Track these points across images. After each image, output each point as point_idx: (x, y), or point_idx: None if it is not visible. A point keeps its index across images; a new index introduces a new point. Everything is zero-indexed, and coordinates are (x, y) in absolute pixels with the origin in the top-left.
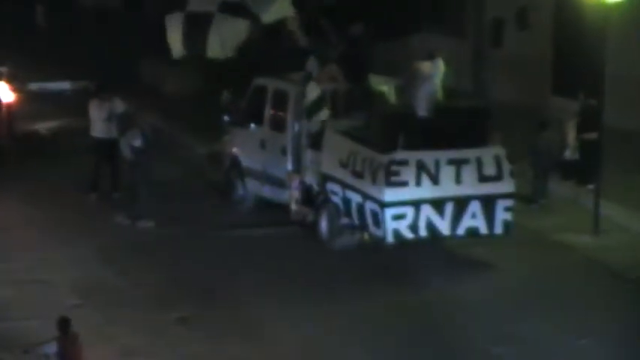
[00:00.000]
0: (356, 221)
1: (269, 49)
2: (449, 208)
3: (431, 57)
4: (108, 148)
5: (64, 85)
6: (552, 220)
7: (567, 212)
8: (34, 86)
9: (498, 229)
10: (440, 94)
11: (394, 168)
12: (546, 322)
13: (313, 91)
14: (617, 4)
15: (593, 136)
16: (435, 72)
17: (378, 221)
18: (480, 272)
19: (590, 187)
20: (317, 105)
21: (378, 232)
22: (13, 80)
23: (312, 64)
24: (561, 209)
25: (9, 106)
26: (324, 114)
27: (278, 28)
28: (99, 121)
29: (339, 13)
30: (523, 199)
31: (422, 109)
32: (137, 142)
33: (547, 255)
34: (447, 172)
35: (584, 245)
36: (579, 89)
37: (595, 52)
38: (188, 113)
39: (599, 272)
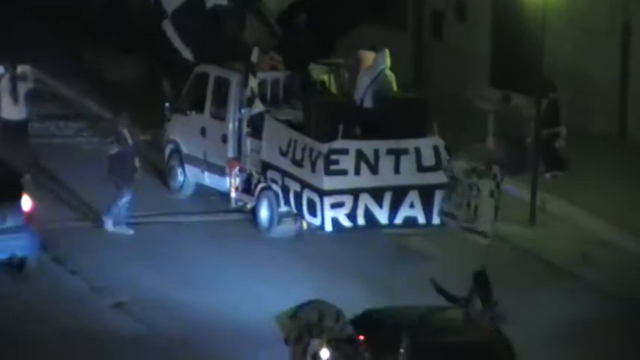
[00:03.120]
0: (294, 209)
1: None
2: (387, 198)
3: (373, 48)
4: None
5: None
6: None
7: (508, 204)
8: None
9: (436, 219)
10: (394, 86)
11: (333, 157)
12: None
13: (252, 80)
14: None
15: (557, 130)
16: (381, 63)
17: (315, 209)
18: (415, 261)
19: (548, 175)
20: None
21: (315, 221)
22: None
23: (255, 52)
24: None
25: None
26: (260, 103)
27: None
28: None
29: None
30: None
31: (367, 100)
32: (113, 150)
33: (480, 245)
34: (385, 162)
35: (520, 236)
36: (545, 86)
37: (533, 44)
38: (130, 101)
39: (531, 261)
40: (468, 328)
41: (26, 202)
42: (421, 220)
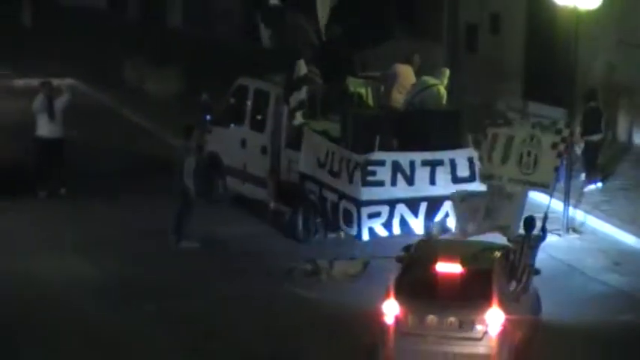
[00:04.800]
0: (330, 219)
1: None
2: (423, 208)
3: (408, 60)
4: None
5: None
6: None
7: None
8: (19, 83)
9: None
10: (443, 101)
11: (370, 168)
12: None
13: (301, 93)
14: (588, 12)
15: (595, 137)
16: (437, 78)
17: (352, 219)
18: None
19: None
20: (301, 106)
21: (352, 231)
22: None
23: (301, 65)
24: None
25: None
26: (300, 116)
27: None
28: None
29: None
30: None
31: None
32: (191, 166)
33: None
34: (421, 173)
35: (554, 245)
36: (586, 95)
37: (566, 57)
38: (169, 112)
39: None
40: None
41: None
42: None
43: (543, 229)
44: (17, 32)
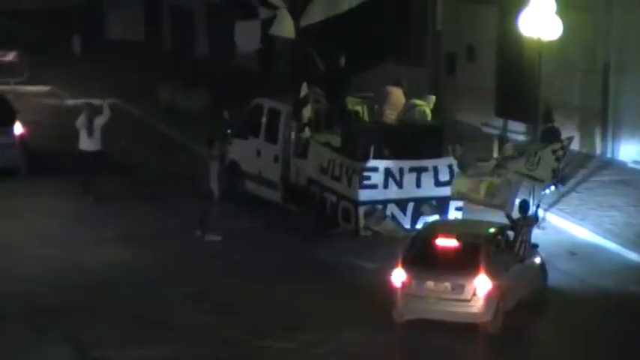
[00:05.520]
0: (330, 217)
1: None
2: (410, 207)
3: (397, 83)
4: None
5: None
6: None
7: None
8: (71, 102)
9: None
10: (429, 118)
11: (366, 173)
12: None
13: (307, 111)
14: (548, 43)
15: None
16: (428, 102)
17: (350, 217)
18: None
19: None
20: (308, 122)
21: (349, 226)
22: None
23: (304, 87)
24: None
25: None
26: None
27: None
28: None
29: (322, 43)
30: None
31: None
32: (215, 169)
33: None
34: (409, 178)
35: None
36: (542, 115)
37: (530, 81)
38: (197, 127)
39: None
40: None
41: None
42: None
43: (536, 213)
44: (68, 59)
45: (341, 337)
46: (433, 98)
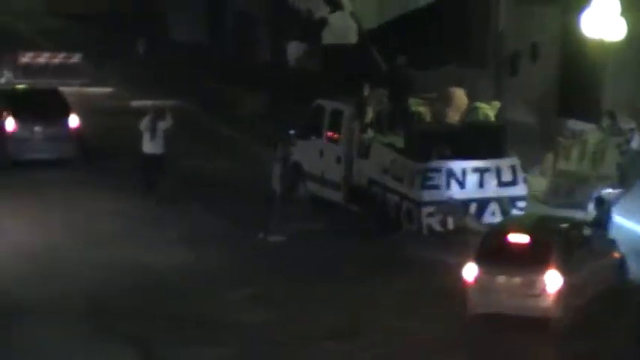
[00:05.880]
0: (393, 217)
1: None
2: (473, 208)
3: (459, 84)
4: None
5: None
6: None
7: None
8: (134, 104)
9: None
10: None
11: (429, 174)
12: None
13: (369, 112)
14: (614, 44)
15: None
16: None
17: (412, 217)
18: None
19: None
20: (372, 122)
21: (412, 227)
22: None
23: (367, 88)
24: None
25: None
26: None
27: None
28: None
29: (385, 44)
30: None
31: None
32: (278, 171)
33: None
34: (471, 178)
35: None
36: (604, 114)
37: (595, 81)
38: (259, 129)
39: None
40: None
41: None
42: None
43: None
44: (133, 61)
45: (408, 332)
46: (497, 104)
